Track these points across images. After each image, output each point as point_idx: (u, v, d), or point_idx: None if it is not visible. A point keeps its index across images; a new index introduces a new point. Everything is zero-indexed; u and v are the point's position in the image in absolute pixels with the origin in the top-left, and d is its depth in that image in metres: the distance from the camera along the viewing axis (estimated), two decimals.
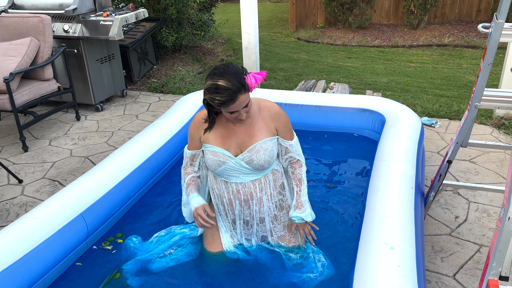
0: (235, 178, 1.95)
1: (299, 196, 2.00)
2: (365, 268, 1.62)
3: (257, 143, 1.89)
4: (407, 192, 2.08)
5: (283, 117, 1.96)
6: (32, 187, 3.13)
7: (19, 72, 3.65)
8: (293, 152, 2.01)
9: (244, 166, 1.91)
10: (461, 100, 4.68)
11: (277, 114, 1.95)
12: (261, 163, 1.91)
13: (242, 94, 1.72)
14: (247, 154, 1.89)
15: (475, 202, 2.80)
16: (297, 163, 2.03)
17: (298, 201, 1.99)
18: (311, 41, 8.85)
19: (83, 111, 4.57)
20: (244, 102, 1.74)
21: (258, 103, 1.96)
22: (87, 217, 2.18)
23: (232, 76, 1.70)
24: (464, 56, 7.34)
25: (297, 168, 2.03)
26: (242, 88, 1.71)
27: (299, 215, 1.98)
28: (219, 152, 1.90)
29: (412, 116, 3.00)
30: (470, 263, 2.30)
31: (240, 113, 1.78)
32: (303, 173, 2.03)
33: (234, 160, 1.90)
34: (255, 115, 1.93)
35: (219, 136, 1.92)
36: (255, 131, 1.91)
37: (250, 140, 1.90)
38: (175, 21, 5.84)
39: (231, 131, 1.92)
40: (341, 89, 4.22)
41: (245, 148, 1.91)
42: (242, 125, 1.91)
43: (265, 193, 2.01)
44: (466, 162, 3.30)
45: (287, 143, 1.98)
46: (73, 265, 2.10)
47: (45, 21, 3.90)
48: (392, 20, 9.13)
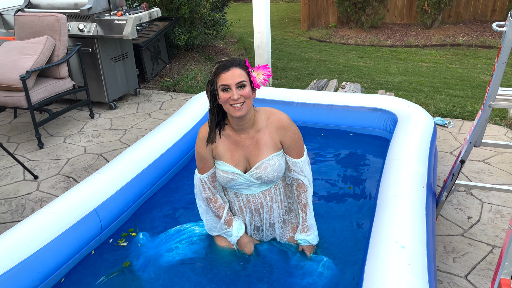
0: (246, 190, 1.97)
1: (305, 221, 1.99)
2: (376, 266, 1.62)
3: (264, 160, 1.87)
4: (418, 191, 2.07)
5: (290, 132, 1.89)
6: (47, 183, 3.19)
7: (35, 70, 3.71)
8: (297, 172, 1.93)
9: (253, 181, 1.92)
10: (475, 100, 4.63)
11: (284, 128, 1.89)
12: (269, 178, 1.91)
13: (236, 67, 1.72)
14: (256, 171, 1.89)
15: (488, 203, 2.77)
16: (301, 186, 1.96)
17: (304, 226, 2.00)
18: (323, 41, 8.83)
19: (97, 109, 4.63)
20: (238, 77, 1.71)
21: (268, 115, 1.91)
22: (101, 212, 2.21)
23: (234, 57, 1.77)
24: (479, 56, 7.25)
25: (302, 193, 1.97)
26: (238, 63, 1.74)
27: (305, 238, 2.00)
28: (228, 171, 1.90)
29: (424, 115, 2.98)
30: (482, 264, 2.27)
31: (233, 92, 1.71)
32: (308, 198, 1.98)
33: (243, 177, 1.91)
34: (262, 127, 1.88)
35: (228, 150, 1.90)
36: (261, 146, 1.88)
37: (257, 155, 1.88)
38: (188, 20, 5.88)
39: (238, 144, 1.90)
40: (353, 89, 4.21)
41: (253, 163, 1.89)
42: (248, 137, 1.88)
43: (275, 201, 2.02)
44: (480, 162, 3.26)
45: (290, 160, 1.92)
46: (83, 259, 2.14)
47: (60, 20, 3.96)
48: (405, 20, 9.06)
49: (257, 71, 1.76)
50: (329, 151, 3.14)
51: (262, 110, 1.92)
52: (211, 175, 1.96)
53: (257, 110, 1.90)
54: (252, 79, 1.76)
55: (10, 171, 3.38)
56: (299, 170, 1.93)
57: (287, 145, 1.90)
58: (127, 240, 2.26)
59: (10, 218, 2.78)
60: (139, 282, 1.97)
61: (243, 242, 2.04)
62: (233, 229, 2.02)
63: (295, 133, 1.90)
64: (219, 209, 2.00)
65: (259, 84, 1.77)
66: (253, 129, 1.88)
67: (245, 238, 2.05)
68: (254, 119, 1.87)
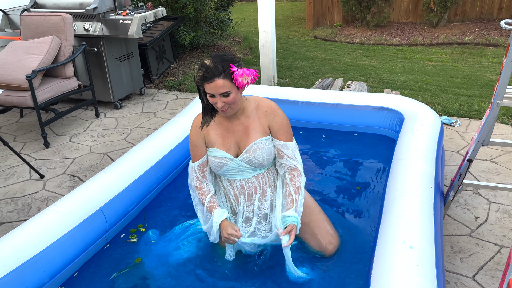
0: (238, 176, 1.97)
1: (297, 204, 1.88)
2: (383, 267, 1.61)
3: (252, 144, 1.90)
4: (426, 191, 2.06)
5: (278, 117, 1.93)
6: (53, 182, 3.20)
7: (41, 70, 3.73)
8: (289, 156, 1.92)
9: (244, 165, 1.93)
10: (482, 99, 4.59)
11: (272, 113, 1.92)
12: (259, 162, 1.92)
13: (220, 78, 1.71)
14: (246, 155, 1.91)
15: (496, 203, 2.74)
16: (295, 170, 1.94)
17: (297, 209, 1.88)
18: (328, 40, 8.80)
19: (103, 108, 4.64)
20: (221, 88, 1.72)
21: (257, 102, 1.95)
22: (106, 211, 2.21)
23: (218, 59, 1.73)
24: (485, 55, 7.19)
25: (296, 175, 1.92)
26: (221, 73, 1.71)
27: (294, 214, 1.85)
28: (220, 156, 1.92)
29: (431, 114, 2.96)
30: (490, 264, 2.25)
31: (217, 101, 1.75)
32: (302, 182, 1.93)
33: (235, 162, 1.92)
34: (252, 114, 1.93)
35: (219, 136, 1.93)
36: (250, 130, 1.92)
37: (246, 139, 1.92)
38: (193, 19, 5.88)
39: (229, 130, 1.93)
40: (359, 88, 4.19)
41: (243, 147, 1.92)
42: (239, 123, 1.92)
43: (269, 186, 2.00)
44: (487, 162, 3.23)
45: (280, 143, 1.92)
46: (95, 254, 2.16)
47: (66, 20, 3.97)
48: (411, 18, 9.01)
49: (241, 78, 1.74)
50: (335, 150, 3.12)
51: (251, 98, 1.97)
52: (201, 163, 1.99)
53: (245, 97, 1.94)
54: (237, 84, 1.75)
55: (16, 170, 3.40)
56: (291, 153, 1.93)
57: (275, 129, 1.92)
58: (137, 236, 2.28)
59: (16, 217, 2.79)
60: (150, 280, 1.98)
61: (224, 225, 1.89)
62: (214, 213, 1.93)
63: (283, 118, 1.94)
64: (202, 196, 1.99)
65: (244, 84, 1.77)
66: (243, 115, 1.92)
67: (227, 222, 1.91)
68: (243, 106, 1.91)
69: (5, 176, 3.31)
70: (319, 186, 2.68)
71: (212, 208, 1.96)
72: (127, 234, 2.32)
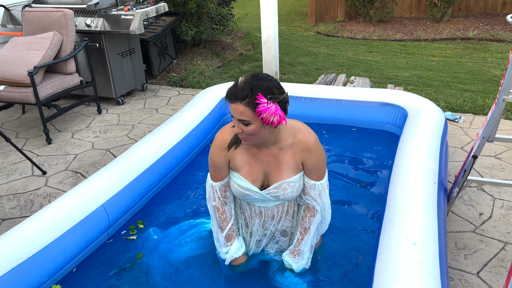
0: (260, 203, 1.85)
1: (298, 244, 1.85)
2: (387, 263, 1.60)
3: (284, 182, 1.74)
4: (429, 187, 2.04)
5: (315, 156, 1.73)
6: (55, 178, 3.20)
7: (43, 66, 3.72)
8: (312, 197, 1.79)
9: (269, 199, 1.81)
10: (486, 94, 4.56)
11: (309, 151, 1.72)
12: (287, 198, 1.80)
13: (241, 104, 1.51)
14: (274, 190, 1.77)
15: (500, 199, 2.72)
16: (310, 210, 1.83)
17: (296, 249, 1.86)
18: (330, 35, 8.76)
19: (104, 104, 4.63)
20: (240, 114, 1.53)
21: (295, 134, 1.73)
22: (108, 208, 2.21)
23: (253, 82, 1.52)
24: (489, 50, 7.14)
25: (308, 216, 1.83)
26: (244, 98, 1.50)
27: (291, 263, 1.86)
28: (245, 187, 1.77)
29: (435, 110, 2.93)
30: (494, 260, 2.24)
31: (235, 124, 1.59)
32: (312, 224, 1.83)
33: (260, 194, 1.79)
34: (286, 146, 1.72)
35: (246, 164, 1.76)
36: (282, 165, 1.74)
37: (277, 173, 1.75)
38: (195, 15, 5.85)
39: (257, 158, 1.75)
40: (362, 83, 4.16)
41: (272, 181, 1.77)
42: (270, 154, 1.74)
43: (286, 214, 1.90)
44: (491, 158, 3.21)
45: (309, 182, 1.77)
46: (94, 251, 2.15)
47: (68, 16, 3.95)
48: (414, 13, 8.95)
49: (265, 114, 1.51)
50: (337, 146, 3.11)
51: (289, 126, 1.73)
52: (223, 185, 1.84)
53: (282, 128, 1.71)
54: (262, 118, 1.53)
55: (18, 166, 3.40)
56: (316, 194, 1.79)
57: (309, 168, 1.75)
58: (136, 234, 2.27)
59: (18, 213, 2.79)
60: (151, 277, 1.97)
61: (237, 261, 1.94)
62: (231, 248, 1.90)
63: (320, 157, 1.75)
64: (223, 222, 1.89)
65: (271, 122, 1.54)
66: (276, 146, 1.73)
67: (241, 259, 1.94)
68: (277, 137, 1.71)
69: (7, 172, 3.31)
70: None
71: (231, 238, 1.90)
72: (128, 230, 2.31)
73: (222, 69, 5.83)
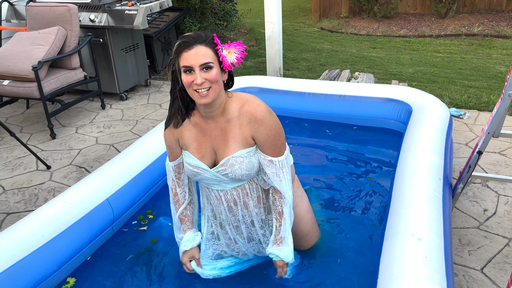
0: (216, 186, 1.72)
1: (278, 232, 1.70)
2: (392, 259, 1.59)
3: (230, 157, 1.62)
4: (434, 183, 2.03)
5: (265, 127, 1.59)
6: (59, 173, 3.21)
7: (47, 61, 3.72)
8: (271, 175, 1.64)
9: (220, 177, 1.67)
10: (491, 91, 4.54)
11: (257, 122, 1.58)
12: (237, 177, 1.65)
13: (202, 45, 1.45)
14: (222, 168, 1.64)
15: (505, 195, 2.71)
16: (277, 192, 1.68)
17: (277, 237, 1.71)
18: (334, 31, 8.72)
19: (108, 100, 4.64)
20: (203, 57, 1.44)
21: (243, 103, 1.61)
22: (113, 202, 2.21)
23: (200, 31, 1.50)
24: (494, 46, 7.10)
25: (277, 198, 1.69)
26: (203, 40, 1.46)
27: (276, 253, 1.70)
28: (193, 164, 1.67)
29: (440, 106, 2.92)
30: (498, 257, 2.23)
31: (196, 75, 1.45)
32: (284, 206, 1.69)
33: (210, 173, 1.67)
34: (233, 117, 1.61)
35: (194, 140, 1.67)
36: (229, 138, 1.62)
37: (224, 148, 1.63)
38: (198, 10, 5.84)
39: (205, 132, 1.65)
40: (366, 79, 4.15)
41: (220, 157, 1.65)
42: (216, 126, 1.63)
43: (251, 198, 1.75)
44: (496, 154, 3.20)
45: (265, 159, 1.63)
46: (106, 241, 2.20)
47: (72, 11, 3.95)
48: (419, 9, 8.90)
49: (228, 49, 1.48)
50: (341, 142, 3.10)
51: (237, 96, 1.63)
52: (176, 165, 1.76)
53: (230, 95, 1.62)
54: (222, 59, 1.48)
55: (23, 161, 3.41)
56: (274, 172, 1.63)
57: (261, 142, 1.61)
58: (146, 225, 2.31)
59: (23, 207, 2.81)
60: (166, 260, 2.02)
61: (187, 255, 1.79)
62: (184, 237, 1.80)
63: (272, 129, 1.60)
64: (176, 203, 1.81)
65: (230, 65, 1.50)
66: (223, 117, 1.61)
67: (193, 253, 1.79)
68: (225, 106, 1.60)
69: (12, 167, 3.32)
70: (326, 178, 2.66)
71: (183, 222, 1.80)
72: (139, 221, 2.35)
73: None
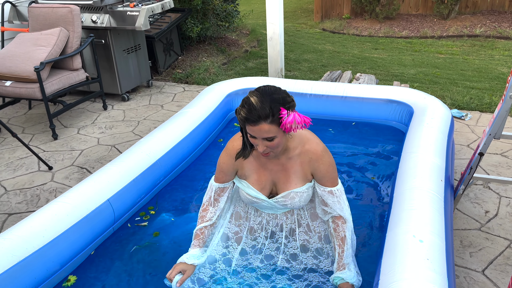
0: (268, 210, 1.88)
1: (341, 258, 1.76)
2: (393, 261, 1.59)
3: (292, 191, 1.76)
4: (436, 184, 2.03)
5: (324, 164, 1.73)
6: (61, 173, 3.21)
7: (49, 62, 3.73)
8: (333, 204, 1.76)
9: (277, 206, 1.84)
10: (493, 92, 4.53)
11: (317, 161, 1.73)
12: (295, 206, 1.82)
13: (266, 123, 1.51)
14: (282, 199, 1.79)
15: (507, 197, 2.71)
16: (339, 218, 1.79)
17: (340, 264, 1.76)
18: (336, 32, 8.72)
19: (110, 100, 4.65)
20: (266, 133, 1.53)
21: (303, 143, 1.74)
22: (114, 203, 2.22)
23: (267, 98, 1.51)
24: (497, 47, 7.09)
25: (340, 224, 1.78)
26: (269, 117, 1.50)
27: (340, 276, 1.73)
28: (253, 195, 1.80)
29: (441, 107, 2.92)
30: (500, 258, 2.23)
31: (259, 144, 1.58)
32: (347, 231, 1.78)
33: (268, 202, 1.81)
34: (294, 156, 1.74)
35: (254, 172, 1.78)
36: (290, 174, 1.75)
37: (285, 182, 1.77)
38: (200, 11, 5.84)
39: (266, 167, 1.78)
40: (368, 80, 4.15)
41: (280, 190, 1.79)
42: (278, 163, 1.76)
43: (298, 225, 1.89)
44: (498, 155, 3.19)
45: (325, 190, 1.75)
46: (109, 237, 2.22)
47: (74, 12, 3.96)
48: (421, 10, 8.89)
49: (291, 124, 1.51)
50: (342, 143, 3.10)
51: (297, 135, 1.74)
52: (220, 188, 1.85)
53: (290, 136, 1.71)
54: (285, 129, 1.54)
55: (25, 162, 3.42)
56: (335, 201, 1.76)
57: (320, 176, 1.75)
58: (147, 220, 2.33)
59: (25, 208, 2.81)
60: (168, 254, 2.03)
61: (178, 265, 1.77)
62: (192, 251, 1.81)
63: (330, 164, 1.75)
64: (201, 219, 1.86)
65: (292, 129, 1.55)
66: (284, 155, 1.74)
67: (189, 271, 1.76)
68: (287, 146, 1.72)
69: (14, 168, 3.33)
70: None
71: (197, 237, 1.84)
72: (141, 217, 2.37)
73: (227, 66, 5.82)
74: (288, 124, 1.51)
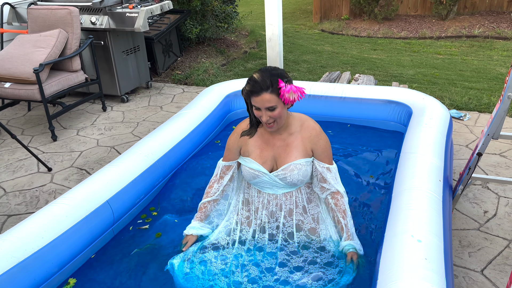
0: (269, 190, 2.01)
1: (348, 228, 1.94)
2: (391, 260, 1.59)
3: (291, 163, 1.92)
4: (435, 184, 2.03)
5: (322, 140, 1.96)
6: (60, 175, 3.22)
7: (48, 63, 3.73)
8: (331, 179, 1.95)
9: (277, 181, 1.96)
10: (491, 92, 4.54)
11: (316, 136, 1.95)
12: (294, 181, 1.95)
13: (267, 93, 1.75)
14: (281, 172, 1.93)
15: (505, 197, 2.71)
16: (337, 193, 1.98)
17: (348, 234, 1.94)
18: (335, 33, 8.73)
19: (109, 102, 4.65)
20: (268, 102, 1.76)
21: (302, 121, 1.97)
22: (113, 204, 2.22)
23: (267, 73, 1.77)
24: (495, 48, 7.10)
25: (339, 199, 1.97)
26: (269, 87, 1.75)
27: (352, 244, 1.91)
28: (255, 168, 1.95)
29: (440, 107, 2.92)
30: (499, 258, 2.23)
31: (263, 114, 1.80)
32: (346, 205, 1.98)
33: (268, 176, 1.95)
34: (295, 132, 1.95)
35: (257, 147, 1.97)
36: (291, 149, 1.94)
37: (286, 156, 1.94)
38: (199, 13, 5.85)
39: (269, 143, 1.96)
40: (366, 81, 4.15)
41: (280, 164, 1.95)
42: (280, 138, 1.95)
43: (295, 206, 2.02)
44: (496, 156, 3.20)
45: (324, 166, 1.95)
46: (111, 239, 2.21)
47: (73, 13, 3.97)
48: (420, 11, 8.90)
49: (288, 93, 1.76)
50: (341, 144, 3.10)
51: (296, 116, 1.98)
52: (226, 166, 2.06)
53: (290, 114, 1.95)
54: (284, 99, 1.78)
55: (24, 163, 3.42)
56: (333, 177, 1.95)
57: (319, 152, 1.95)
58: (148, 223, 2.32)
59: (24, 209, 2.81)
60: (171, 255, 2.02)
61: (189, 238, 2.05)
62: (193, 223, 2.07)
63: (327, 142, 1.97)
64: (206, 194, 2.10)
65: (291, 100, 1.79)
66: (286, 131, 1.94)
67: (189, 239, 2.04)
68: (287, 123, 1.93)
69: (13, 169, 3.33)
70: None
71: (200, 210, 2.10)
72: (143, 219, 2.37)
73: (227, 67, 5.83)
74: (286, 94, 1.75)
